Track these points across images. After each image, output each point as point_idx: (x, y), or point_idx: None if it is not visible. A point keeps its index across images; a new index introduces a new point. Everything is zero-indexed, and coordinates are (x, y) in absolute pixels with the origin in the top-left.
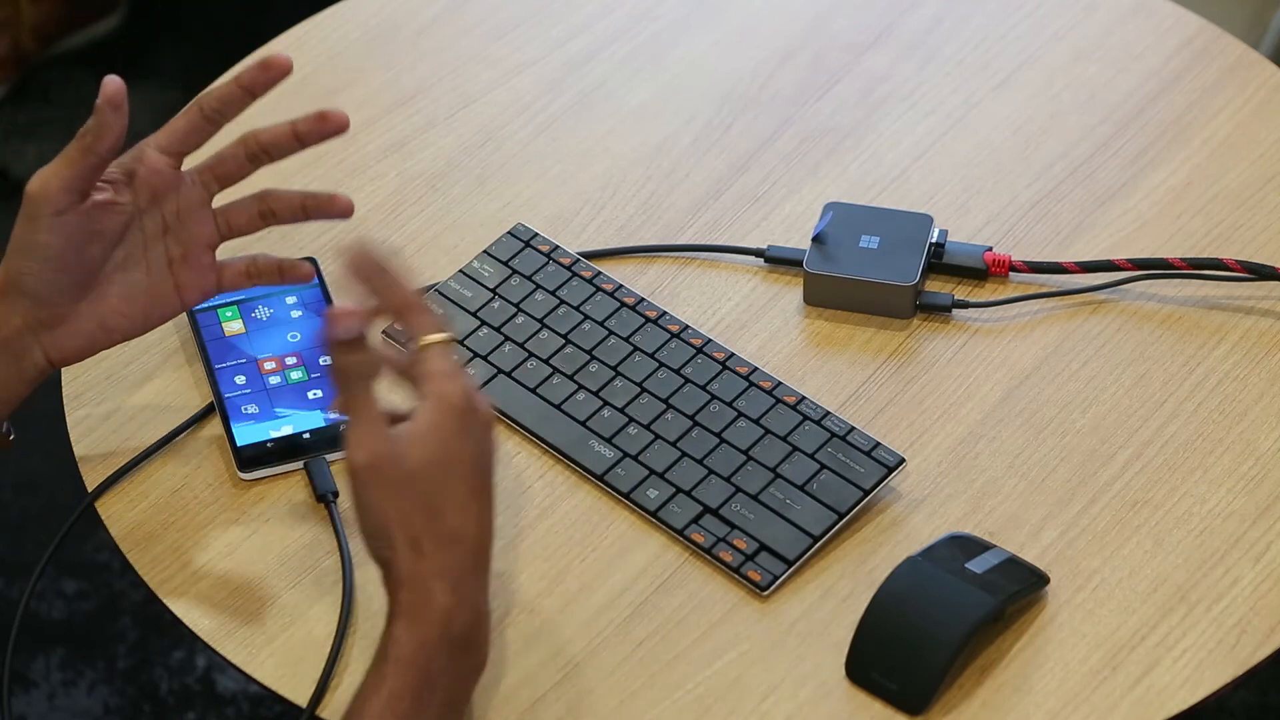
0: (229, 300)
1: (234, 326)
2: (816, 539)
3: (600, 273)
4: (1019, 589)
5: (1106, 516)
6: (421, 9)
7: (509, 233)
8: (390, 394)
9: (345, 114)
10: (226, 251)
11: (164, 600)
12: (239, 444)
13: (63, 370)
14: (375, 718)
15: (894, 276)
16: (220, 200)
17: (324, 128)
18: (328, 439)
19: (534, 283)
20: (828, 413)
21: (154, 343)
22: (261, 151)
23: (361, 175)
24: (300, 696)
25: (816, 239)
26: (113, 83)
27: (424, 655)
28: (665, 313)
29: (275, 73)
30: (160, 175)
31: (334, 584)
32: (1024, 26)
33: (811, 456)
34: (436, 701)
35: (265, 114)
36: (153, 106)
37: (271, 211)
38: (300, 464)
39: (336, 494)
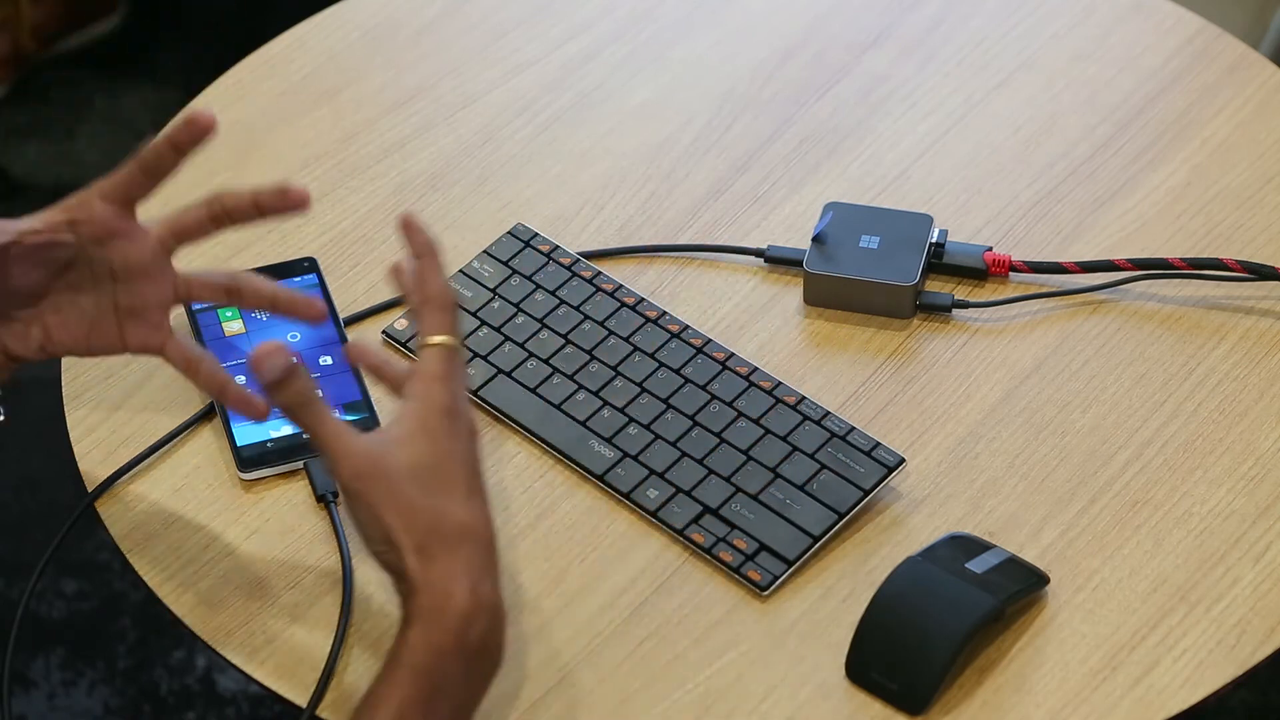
0: None
1: (234, 326)
2: (816, 539)
3: (600, 273)
4: (1019, 589)
5: (1106, 516)
6: (421, 9)
7: (509, 233)
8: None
9: (307, 192)
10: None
11: (164, 600)
12: (239, 444)
13: (63, 370)
14: None
15: (894, 276)
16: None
17: (284, 203)
18: None
19: (534, 283)
20: (828, 413)
21: None
22: (225, 215)
23: (361, 175)
24: (300, 696)
25: (816, 239)
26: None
27: (439, 662)
28: (665, 313)
29: (198, 130)
30: (103, 223)
31: (334, 584)
32: (1024, 26)
33: (811, 456)
34: (447, 709)
35: (266, 116)
36: (150, 106)
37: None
38: (300, 464)
39: (336, 494)
